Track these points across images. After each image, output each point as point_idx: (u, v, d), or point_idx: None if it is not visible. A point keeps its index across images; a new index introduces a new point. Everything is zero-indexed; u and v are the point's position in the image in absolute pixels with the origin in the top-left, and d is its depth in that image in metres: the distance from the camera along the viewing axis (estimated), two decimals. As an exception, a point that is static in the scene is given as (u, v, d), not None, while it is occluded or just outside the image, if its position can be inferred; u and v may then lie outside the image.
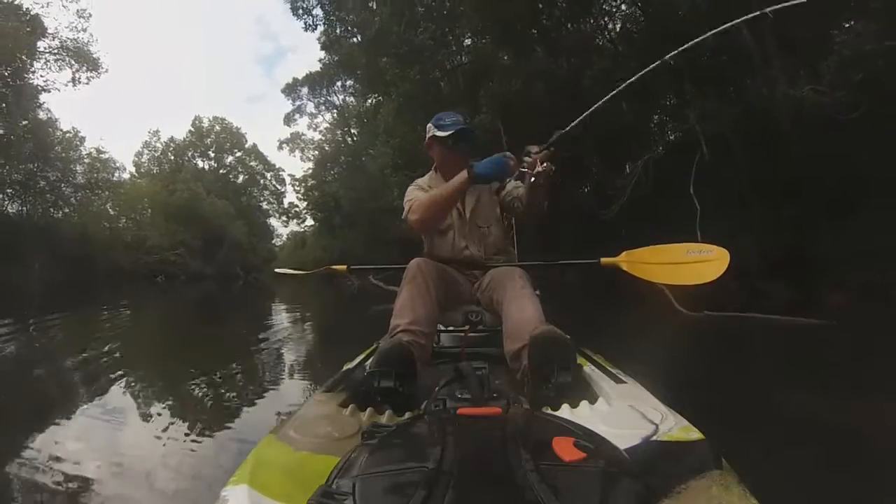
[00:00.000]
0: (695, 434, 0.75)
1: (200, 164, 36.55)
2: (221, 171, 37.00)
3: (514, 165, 1.39)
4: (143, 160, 34.63)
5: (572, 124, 1.41)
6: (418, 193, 1.64)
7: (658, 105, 8.97)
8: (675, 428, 0.76)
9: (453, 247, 1.65)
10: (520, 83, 9.03)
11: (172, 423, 1.85)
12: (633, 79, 1.48)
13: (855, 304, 6.01)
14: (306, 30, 14.83)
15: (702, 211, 6.81)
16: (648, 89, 8.21)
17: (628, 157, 8.26)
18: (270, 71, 76.14)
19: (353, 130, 26.57)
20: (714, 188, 7.21)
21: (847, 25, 5.80)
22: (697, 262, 1.52)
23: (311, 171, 30.92)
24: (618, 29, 10.35)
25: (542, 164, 1.36)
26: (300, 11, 14.30)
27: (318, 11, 14.43)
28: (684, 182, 7.22)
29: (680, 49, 1.38)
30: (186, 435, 1.73)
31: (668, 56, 1.43)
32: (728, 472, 0.64)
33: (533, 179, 1.39)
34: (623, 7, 10.03)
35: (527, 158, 1.39)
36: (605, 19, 10.33)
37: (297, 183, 34.17)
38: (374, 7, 11.61)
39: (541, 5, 9.18)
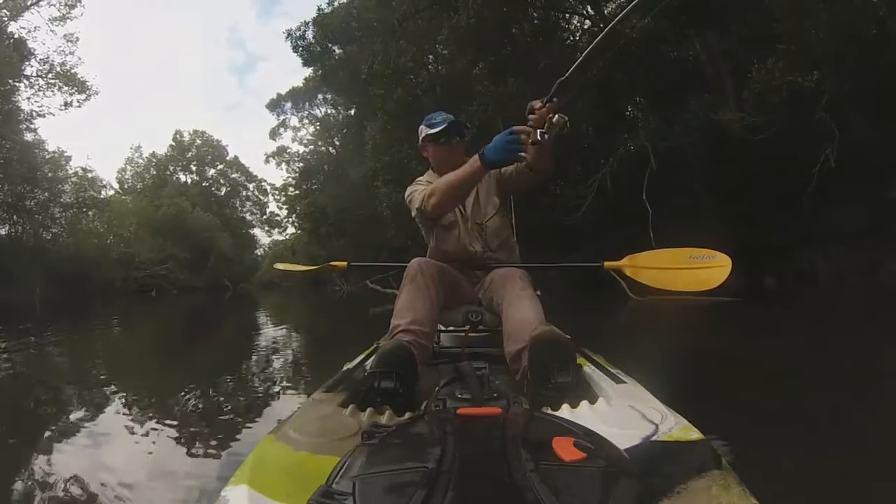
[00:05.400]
0: (695, 434, 0.74)
1: (183, 177, 36.80)
2: (204, 184, 37.30)
3: (525, 138, 1.24)
4: (126, 176, 34.90)
5: (570, 70, 1.24)
6: (419, 186, 1.62)
7: (615, 123, 10.49)
8: (675, 428, 0.76)
9: (458, 242, 1.64)
10: (494, 107, 9.84)
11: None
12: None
13: (783, 287, 7.84)
14: (305, 65, 15.92)
15: (655, 213, 8.22)
16: (608, 108, 10.16)
17: (589, 171, 9.73)
18: (244, 80, 76.56)
19: (335, 141, 26.76)
20: (666, 193, 8.65)
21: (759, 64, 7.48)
22: (701, 268, 1.51)
23: (290, 179, 31.31)
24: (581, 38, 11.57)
25: (551, 116, 1.23)
26: (300, 50, 15.03)
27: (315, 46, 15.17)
28: (639, 189, 8.70)
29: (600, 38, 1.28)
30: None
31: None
32: (728, 472, 0.64)
33: (546, 136, 1.24)
34: (587, 24, 11.25)
35: (531, 116, 1.27)
36: (572, 36, 11.48)
37: (277, 192, 34.54)
38: (364, 38, 12.28)
39: (515, 17, 10.07)
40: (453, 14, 9.31)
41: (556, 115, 1.23)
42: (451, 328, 1.66)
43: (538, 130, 1.24)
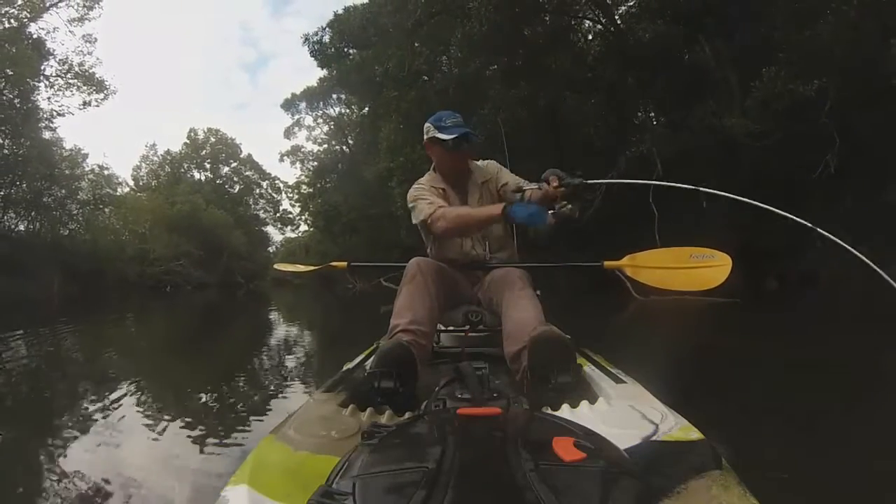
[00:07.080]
0: (695, 434, 0.74)
1: (197, 175, 36.92)
2: (218, 182, 37.39)
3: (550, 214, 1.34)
4: (141, 174, 35.04)
5: (593, 181, 1.39)
6: (426, 194, 1.61)
7: (624, 127, 10.68)
8: (675, 428, 0.76)
9: (461, 247, 1.64)
10: (506, 110, 9.97)
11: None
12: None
13: (785, 288, 8.15)
14: (320, 66, 16.67)
15: (662, 216, 8.36)
16: (617, 115, 10.54)
17: (598, 174, 9.52)
18: (255, 77, 76.63)
19: (349, 140, 26.92)
20: (673, 196, 8.55)
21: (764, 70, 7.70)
22: (701, 267, 1.50)
23: (304, 177, 31.43)
24: (590, 41, 11.96)
25: (564, 203, 1.32)
26: (318, 55, 15.59)
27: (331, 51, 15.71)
28: (646, 192, 8.74)
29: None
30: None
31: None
32: (728, 472, 0.64)
33: (552, 213, 1.34)
34: (598, 27, 11.45)
35: (545, 185, 1.35)
36: (583, 39, 11.84)
37: (290, 190, 34.57)
38: (379, 42, 12.67)
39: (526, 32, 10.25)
40: (466, 21, 9.45)
41: (569, 206, 1.33)
42: (450, 328, 1.65)
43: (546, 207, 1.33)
